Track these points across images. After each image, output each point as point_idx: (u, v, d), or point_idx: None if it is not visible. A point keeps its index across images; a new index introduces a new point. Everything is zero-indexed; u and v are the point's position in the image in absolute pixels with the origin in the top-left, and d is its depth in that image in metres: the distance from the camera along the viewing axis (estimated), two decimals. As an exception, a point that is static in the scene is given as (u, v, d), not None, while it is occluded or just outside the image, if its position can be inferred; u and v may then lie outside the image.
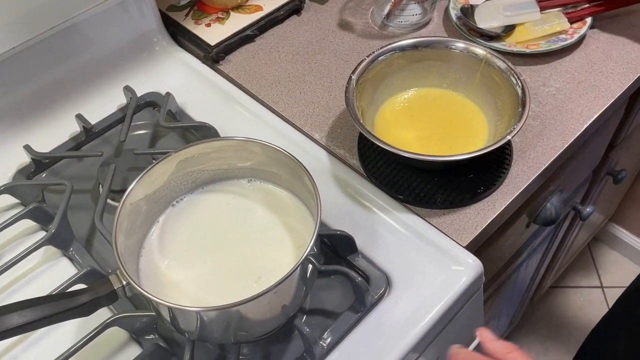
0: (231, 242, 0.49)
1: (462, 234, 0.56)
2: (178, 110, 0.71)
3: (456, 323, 0.56)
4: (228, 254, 0.48)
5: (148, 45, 0.77)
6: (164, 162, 0.47)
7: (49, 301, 0.40)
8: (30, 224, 0.60)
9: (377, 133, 0.57)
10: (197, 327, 0.43)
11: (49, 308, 0.39)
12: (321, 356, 0.49)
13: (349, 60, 0.75)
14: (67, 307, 0.38)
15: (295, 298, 0.46)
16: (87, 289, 0.41)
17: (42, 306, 0.39)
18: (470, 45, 0.62)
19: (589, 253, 1.56)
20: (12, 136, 0.68)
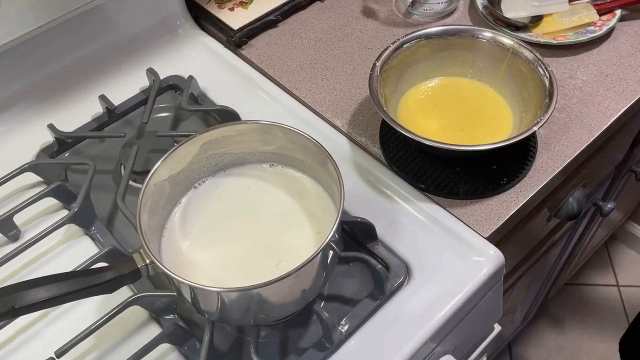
0: (252, 226, 0.49)
1: (483, 225, 0.56)
2: (200, 94, 0.71)
3: (475, 314, 0.55)
4: (249, 237, 0.49)
5: (171, 28, 0.77)
6: (188, 143, 0.48)
7: (74, 277, 0.40)
8: (53, 202, 0.61)
9: (400, 121, 0.56)
10: (217, 308, 0.43)
11: (74, 284, 0.40)
12: (339, 342, 0.49)
13: (372, 47, 0.74)
14: (91, 283, 0.39)
15: (315, 283, 0.46)
16: (111, 267, 0.41)
17: (67, 282, 0.39)
18: (498, 34, 0.61)
19: (606, 251, 1.54)
20: (36, 115, 0.68)
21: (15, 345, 0.51)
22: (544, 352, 1.37)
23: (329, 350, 0.49)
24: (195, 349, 0.50)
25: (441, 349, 0.54)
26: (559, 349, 1.38)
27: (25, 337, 0.52)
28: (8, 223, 0.57)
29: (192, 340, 0.50)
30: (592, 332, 1.40)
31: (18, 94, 0.68)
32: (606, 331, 1.40)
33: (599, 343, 1.38)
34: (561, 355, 1.37)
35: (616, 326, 1.41)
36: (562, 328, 1.41)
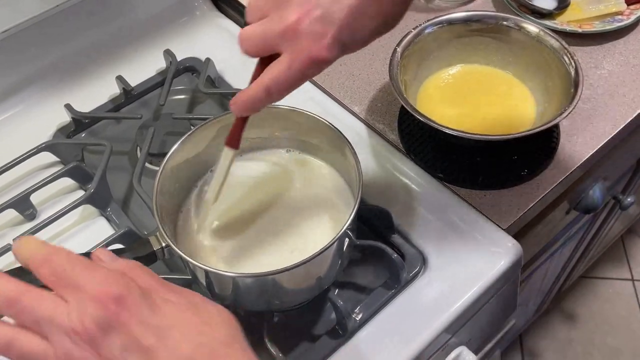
0: (268, 211, 0.48)
1: (502, 216, 0.55)
2: (217, 77, 0.70)
3: (491, 306, 0.55)
4: (264, 222, 0.48)
5: (189, 9, 0.76)
6: (205, 127, 0.47)
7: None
8: (69, 183, 0.61)
9: (419, 109, 0.55)
10: (232, 293, 0.43)
11: None
12: (353, 330, 0.49)
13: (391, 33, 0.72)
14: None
15: (330, 271, 0.45)
16: (128, 249, 0.41)
17: (84, 263, 0.39)
18: (523, 22, 0.60)
19: (622, 245, 1.52)
20: (53, 95, 0.68)
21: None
22: (556, 345, 1.36)
23: (343, 338, 0.49)
24: (209, 332, 0.50)
25: (455, 340, 0.53)
26: (571, 342, 1.37)
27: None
28: (25, 202, 0.57)
29: (206, 324, 0.50)
30: (604, 327, 1.38)
31: (35, 73, 0.68)
32: (619, 326, 1.39)
33: (612, 338, 1.37)
34: (572, 349, 1.36)
35: (629, 321, 1.40)
36: (574, 321, 1.40)
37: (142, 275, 0.32)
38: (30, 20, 0.64)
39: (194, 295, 0.33)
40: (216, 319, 0.31)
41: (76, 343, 0.29)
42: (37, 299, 0.30)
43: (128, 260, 0.34)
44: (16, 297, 0.30)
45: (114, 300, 0.29)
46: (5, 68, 0.66)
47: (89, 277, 0.30)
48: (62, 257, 0.31)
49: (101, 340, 0.28)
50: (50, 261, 0.30)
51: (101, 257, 0.34)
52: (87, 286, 0.29)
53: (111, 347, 0.28)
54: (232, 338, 0.31)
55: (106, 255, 0.35)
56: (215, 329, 0.31)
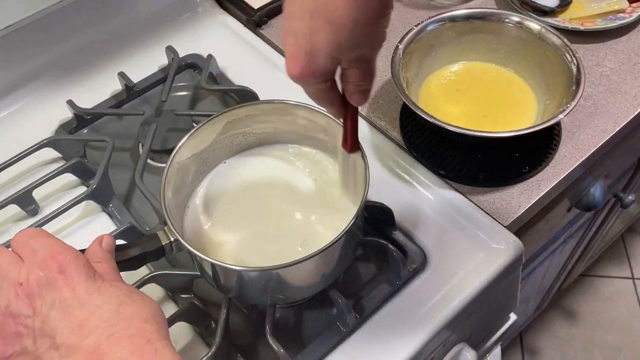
0: (274, 207, 0.48)
1: (503, 213, 0.55)
2: (219, 73, 0.70)
3: (492, 303, 0.55)
4: (270, 218, 0.48)
5: (191, 6, 0.76)
6: (212, 122, 0.47)
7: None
8: (71, 179, 0.61)
9: (421, 106, 0.55)
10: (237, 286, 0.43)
11: None
12: (354, 326, 0.49)
13: (394, 30, 0.73)
14: (117, 259, 0.39)
15: (335, 267, 0.45)
16: (136, 244, 0.41)
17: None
18: (525, 19, 0.60)
19: (622, 243, 1.52)
20: (55, 91, 0.68)
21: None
22: (556, 342, 1.36)
23: (344, 334, 0.49)
24: (211, 328, 0.50)
25: (457, 336, 0.53)
26: (571, 340, 1.37)
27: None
28: (27, 198, 0.57)
29: (208, 320, 0.50)
30: (604, 325, 1.39)
31: (38, 69, 0.68)
32: (619, 324, 1.39)
33: (612, 335, 1.37)
34: (573, 347, 1.36)
35: (630, 319, 1.40)
36: (575, 319, 1.40)
37: (106, 266, 0.36)
38: (32, 17, 0.64)
39: (138, 290, 0.36)
40: (143, 302, 0.34)
41: (17, 295, 0.33)
42: (2, 255, 0.35)
43: (104, 254, 0.38)
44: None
45: (59, 265, 0.34)
46: (8, 64, 0.66)
47: (46, 245, 0.35)
48: (31, 230, 0.36)
49: (37, 295, 0.33)
50: (21, 234, 0.36)
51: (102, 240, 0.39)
52: (42, 251, 0.34)
53: (42, 302, 0.33)
54: (153, 318, 0.34)
55: (107, 242, 0.39)
56: (138, 307, 0.34)
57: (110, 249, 0.39)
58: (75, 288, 0.33)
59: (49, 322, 0.32)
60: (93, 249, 0.38)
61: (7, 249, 0.36)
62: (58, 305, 0.32)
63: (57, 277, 0.33)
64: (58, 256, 0.34)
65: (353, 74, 0.38)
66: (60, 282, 0.33)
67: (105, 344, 0.31)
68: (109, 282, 0.35)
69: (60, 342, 0.32)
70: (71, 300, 0.33)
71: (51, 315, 0.32)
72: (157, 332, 0.33)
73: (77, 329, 0.32)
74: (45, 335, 0.32)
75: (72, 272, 0.33)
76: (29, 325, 0.33)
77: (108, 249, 0.39)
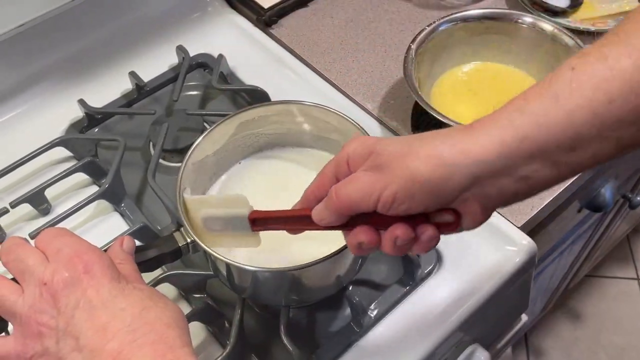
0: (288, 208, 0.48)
1: (516, 214, 0.55)
2: (229, 73, 0.70)
3: (504, 304, 0.55)
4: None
5: (201, 5, 0.76)
6: (225, 123, 0.47)
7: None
8: (83, 178, 0.61)
9: (433, 106, 0.55)
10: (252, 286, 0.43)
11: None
12: (368, 326, 0.49)
13: (404, 30, 0.73)
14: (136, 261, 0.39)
15: (350, 269, 0.45)
16: (153, 245, 0.41)
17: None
18: (538, 20, 0.60)
19: (628, 244, 1.52)
20: (66, 90, 0.68)
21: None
22: (561, 343, 1.36)
23: (358, 334, 0.49)
24: (224, 328, 0.50)
25: (470, 337, 0.53)
26: (576, 341, 1.37)
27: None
28: (39, 197, 0.57)
29: (221, 320, 0.50)
30: (610, 325, 1.38)
31: (48, 68, 0.68)
32: (625, 325, 1.39)
33: (617, 336, 1.37)
34: (578, 348, 1.36)
35: (635, 320, 1.40)
36: (580, 320, 1.40)
37: (128, 267, 0.37)
38: (43, 16, 0.64)
39: (160, 292, 0.36)
40: (166, 306, 0.34)
41: (42, 294, 0.33)
42: (27, 252, 0.35)
43: (126, 256, 0.38)
44: (12, 248, 0.35)
45: (84, 265, 0.34)
46: (19, 63, 0.66)
47: (71, 244, 0.35)
48: (56, 228, 0.37)
49: (61, 295, 0.33)
50: (45, 232, 0.36)
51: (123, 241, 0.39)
52: (66, 250, 0.34)
53: (66, 302, 0.33)
54: (175, 323, 0.33)
55: (127, 243, 0.39)
56: (161, 311, 0.34)
57: (131, 251, 0.39)
58: (100, 289, 0.33)
59: (73, 323, 0.32)
60: (115, 250, 0.38)
61: (34, 247, 0.36)
62: (82, 306, 0.32)
63: (81, 278, 0.33)
64: (83, 256, 0.34)
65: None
66: (85, 282, 0.33)
67: (127, 349, 0.31)
68: (132, 284, 0.35)
69: (84, 344, 0.32)
70: (95, 301, 0.33)
71: (76, 316, 0.32)
72: (179, 339, 0.32)
73: (101, 331, 0.32)
74: (70, 336, 0.32)
75: (96, 273, 0.33)
76: (52, 326, 0.33)
77: (129, 250, 0.39)
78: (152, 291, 0.35)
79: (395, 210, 0.32)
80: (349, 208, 0.34)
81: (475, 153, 0.31)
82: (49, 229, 0.37)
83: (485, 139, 0.31)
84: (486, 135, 0.31)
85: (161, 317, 0.33)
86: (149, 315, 0.33)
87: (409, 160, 0.32)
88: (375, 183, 0.32)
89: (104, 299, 0.33)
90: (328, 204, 0.35)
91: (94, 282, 0.33)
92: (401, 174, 0.32)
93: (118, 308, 0.33)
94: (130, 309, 0.33)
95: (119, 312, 0.32)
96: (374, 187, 0.32)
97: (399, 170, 0.32)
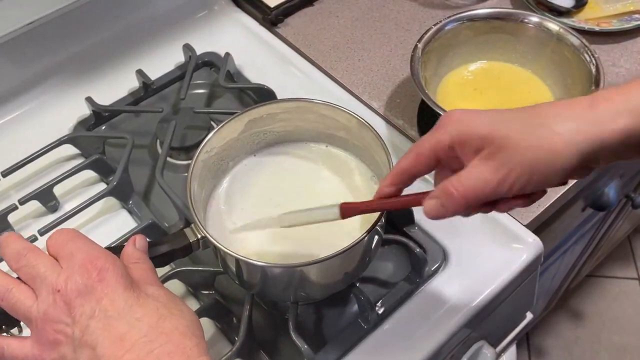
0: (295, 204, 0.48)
1: (522, 212, 0.55)
2: (235, 71, 0.71)
3: (510, 301, 0.55)
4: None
5: (207, 4, 0.77)
6: (234, 120, 0.47)
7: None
8: (90, 175, 0.61)
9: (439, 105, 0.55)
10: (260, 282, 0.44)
11: None
12: (375, 323, 0.50)
13: (410, 29, 0.73)
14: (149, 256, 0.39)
15: (358, 265, 0.46)
16: (164, 241, 0.41)
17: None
18: (544, 19, 0.60)
19: (629, 244, 1.52)
20: (73, 88, 0.69)
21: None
22: (562, 343, 1.37)
23: (365, 331, 0.49)
24: (233, 324, 0.50)
25: (476, 334, 0.54)
26: (577, 340, 1.37)
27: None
28: (48, 194, 0.57)
29: (230, 316, 0.51)
30: (611, 325, 1.39)
31: (56, 67, 0.68)
32: (626, 324, 1.39)
33: (618, 336, 1.38)
34: (579, 347, 1.36)
35: (636, 319, 1.40)
36: (581, 320, 1.40)
37: (143, 266, 0.36)
38: (51, 14, 0.64)
39: (175, 296, 0.36)
40: (182, 314, 0.34)
41: (55, 302, 0.32)
42: (39, 258, 0.34)
43: (140, 255, 0.37)
44: (23, 253, 0.34)
45: (98, 271, 0.33)
46: (27, 61, 0.66)
47: (84, 248, 0.34)
48: (67, 231, 0.36)
49: (75, 302, 0.32)
50: (57, 235, 0.35)
51: (136, 240, 0.38)
52: (79, 255, 0.33)
53: (81, 311, 0.32)
54: (191, 331, 0.33)
55: (140, 242, 0.39)
56: (177, 320, 0.33)
57: (145, 249, 0.39)
58: (114, 298, 0.32)
59: (89, 332, 0.32)
60: (129, 251, 0.37)
61: (44, 252, 0.35)
62: (98, 316, 0.32)
63: (95, 286, 0.32)
64: (97, 262, 0.33)
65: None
66: (99, 291, 0.32)
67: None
68: (145, 290, 0.34)
69: (101, 354, 0.31)
70: (111, 311, 0.32)
71: (91, 325, 0.32)
72: (196, 348, 0.32)
73: (118, 342, 0.31)
74: (86, 346, 0.32)
75: (110, 281, 0.33)
76: (68, 334, 0.32)
77: (143, 249, 0.38)
78: (167, 298, 0.35)
79: (511, 193, 0.34)
80: (469, 201, 0.35)
81: (599, 137, 0.31)
82: (61, 231, 0.36)
83: (612, 122, 0.31)
84: (613, 117, 0.31)
85: (177, 326, 0.33)
86: (165, 324, 0.32)
87: (530, 148, 0.32)
88: (494, 174, 0.33)
89: (120, 308, 0.32)
90: (447, 200, 0.35)
91: (108, 291, 0.32)
92: (520, 161, 0.32)
93: (134, 318, 0.32)
94: (146, 319, 0.32)
95: (135, 322, 0.32)
96: (493, 179, 0.33)
97: (518, 157, 0.32)
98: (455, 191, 0.34)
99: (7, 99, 0.66)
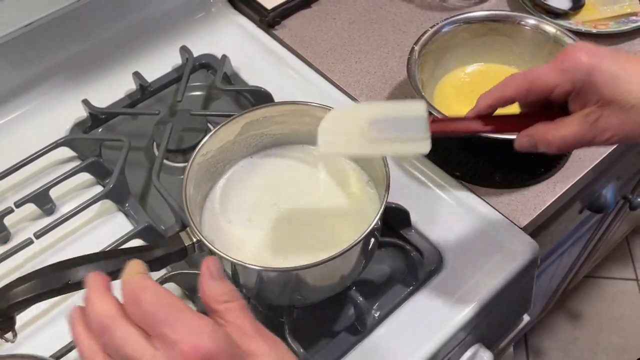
0: (291, 207, 0.49)
1: (519, 215, 0.55)
2: (232, 74, 0.71)
3: (507, 304, 0.55)
4: (288, 218, 0.48)
5: (204, 6, 0.77)
6: (231, 123, 0.47)
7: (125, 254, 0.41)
8: (87, 178, 0.61)
9: (436, 107, 0.55)
10: (256, 286, 0.44)
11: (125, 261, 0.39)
12: (372, 326, 0.50)
13: (407, 31, 0.73)
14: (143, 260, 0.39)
15: (354, 269, 0.46)
16: (159, 244, 0.41)
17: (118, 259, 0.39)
18: (541, 22, 0.60)
19: (627, 245, 1.53)
20: (70, 90, 0.68)
21: (48, 319, 0.52)
22: (560, 344, 1.37)
23: (362, 334, 0.49)
24: (229, 327, 0.50)
25: (472, 337, 0.54)
26: (575, 341, 1.37)
27: (59, 310, 0.52)
28: (44, 197, 0.57)
29: (226, 319, 0.50)
30: (609, 326, 1.39)
31: (52, 68, 0.68)
32: (624, 325, 1.40)
33: (616, 337, 1.38)
34: (577, 348, 1.37)
35: (634, 320, 1.40)
36: (579, 321, 1.40)
37: (235, 306, 0.30)
38: (48, 16, 0.64)
39: (280, 346, 0.31)
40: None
41: None
42: (128, 336, 0.28)
43: (231, 291, 0.31)
44: (110, 327, 0.28)
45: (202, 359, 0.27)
46: (23, 63, 0.66)
47: (180, 325, 0.27)
48: (151, 296, 0.28)
49: None
50: (139, 302, 0.28)
51: (211, 269, 0.31)
52: (177, 336, 0.27)
53: None
54: None
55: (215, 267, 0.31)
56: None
57: (221, 272, 0.32)
58: None
59: None
60: (212, 288, 0.30)
61: (133, 326, 0.28)
62: None
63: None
64: (200, 343, 0.27)
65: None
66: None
67: None
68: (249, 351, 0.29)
69: None
70: None
71: None
72: None
73: None
74: None
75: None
76: None
77: (221, 274, 0.31)
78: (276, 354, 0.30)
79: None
80: (561, 150, 0.38)
81: None
82: (150, 293, 0.28)
83: None
84: None
85: None
86: None
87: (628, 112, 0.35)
88: (593, 135, 0.36)
89: None
90: (542, 145, 0.39)
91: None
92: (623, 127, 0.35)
93: None
94: None
95: None
96: (591, 139, 0.36)
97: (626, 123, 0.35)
98: (553, 141, 0.38)
99: (2, 101, 0.66)
